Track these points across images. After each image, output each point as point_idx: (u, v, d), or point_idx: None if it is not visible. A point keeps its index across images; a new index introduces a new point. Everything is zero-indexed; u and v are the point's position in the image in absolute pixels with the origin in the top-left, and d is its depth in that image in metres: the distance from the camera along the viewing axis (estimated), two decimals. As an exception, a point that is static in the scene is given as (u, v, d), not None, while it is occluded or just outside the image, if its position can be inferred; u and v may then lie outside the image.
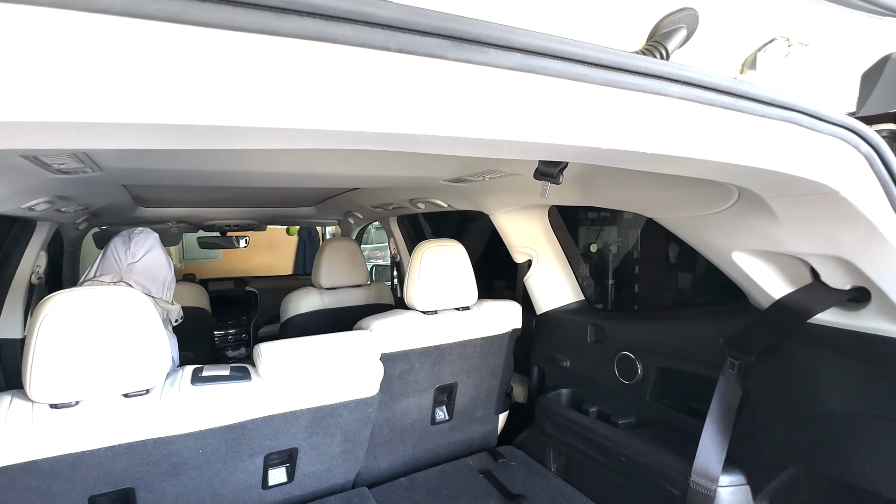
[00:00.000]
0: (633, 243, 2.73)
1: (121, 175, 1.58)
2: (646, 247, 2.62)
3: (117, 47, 0.40)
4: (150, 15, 0.38)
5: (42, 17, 0.38)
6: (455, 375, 2.12)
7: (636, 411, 1.89)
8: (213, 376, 1.49)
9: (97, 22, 0.38)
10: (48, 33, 0.38)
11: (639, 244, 2.67)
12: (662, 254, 2.55)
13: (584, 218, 2.90)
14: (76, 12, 0.38)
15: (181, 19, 0.39)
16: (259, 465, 1.67)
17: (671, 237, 2.49)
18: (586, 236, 2.88)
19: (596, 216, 2.92)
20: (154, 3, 0.38)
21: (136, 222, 3.44)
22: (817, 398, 1.26)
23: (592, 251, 2.84)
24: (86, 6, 0.37)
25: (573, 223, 2.83)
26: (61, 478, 1.34)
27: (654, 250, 2.60)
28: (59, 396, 1.26)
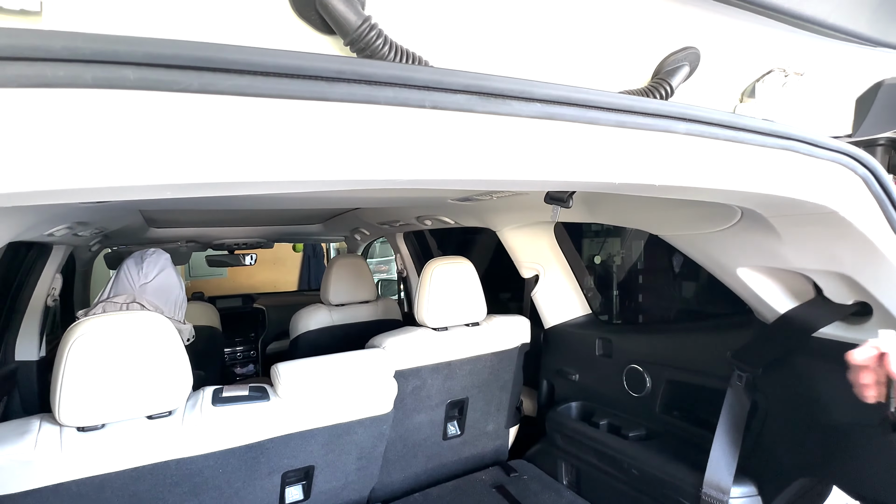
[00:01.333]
0: (638, 255, 2.77)
1: (140, 201, 1.64)
2: (651, 258, 2.66)
3: (134, 118, 0.44)
4: (166, 87, 0.43)
5: (59, 97, 0.42)
6: (466, 391, 2.15)
7: (646, 423, 1.92)
8: (233, 397, 1.53)
9: (111, 96, 0.43)
10: (65, 110, 0.43)
11: (643, 256, 2.71)
12: (668, 265, 2.59)
13: (587, 230, 2.94)
14: (95, 90, 0.43)
15: (209, 90, 0.44)
16: (277, 482, 1.70)
17: (675, 249, 2.53)
18: (590, 248, 2.93)
19: (600, 228, 2.96)
20: (173, 75, 0.42)
21: (148, 243, 3.50)
22: (824, 410, 1.29)
23: (597, 262, 2.88)
24: (104, 83, 0.42)
25: (577, 235, 2.88)
26: (87, 499, 1.37)
27: (660, 262, 2.63)
28: (87, 420, 1.30)
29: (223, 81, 0.41)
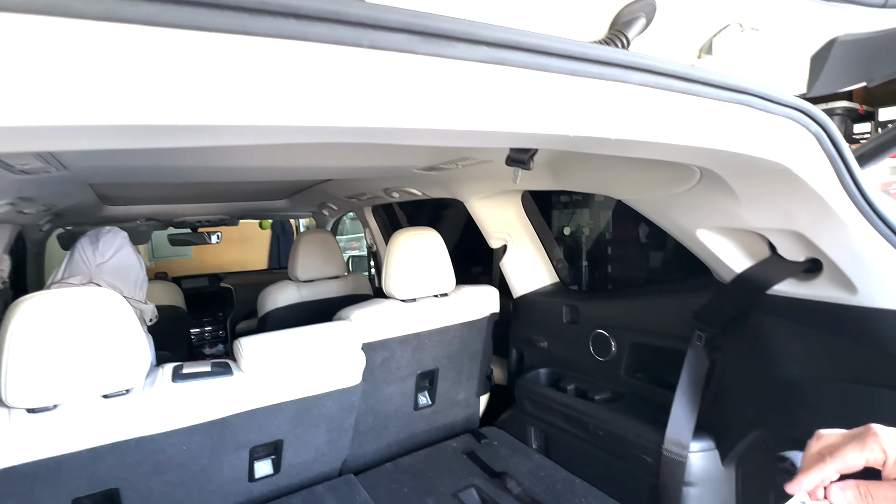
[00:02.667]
0: (604, 225, 2.80)
1: (87, 174, 1.55)
2: (617, 228, 2.70)
3: (86, 51, 0.40)
4: (124, 18, 0.39)
5: (9, 22, 0.38)
6: (436, 361, 2.15)
7: (611, 387, 1.96)
8: (194, 373, 1.49)
9: (68, 26, 0.39)
10: (17, 38, 0.39)
11: (610, 226, 2.74)
12: (633, 235, 2.63)
13: (556, 202, 2.95)
14: (49, 17, 0.39)
15: (156, 22, 0.40)
16: (245, 458, 1.68)
17: (641, 219, 2.57)
18: (559, 220, 2.95)
19: (568, 199, 2.98)
20: (130, 6, 0.38)
21: (103, 221, 3.35)
22: (777, 365, 1.33)
23: (566, 234, 2.90)
24: (60, 11, 0.38)
25: (546, 207, 2.89)
26: (43, 482, 1.32)
27: (625, 232, 2.67)
28: (37, 401, 1.25)
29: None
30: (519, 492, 1.78)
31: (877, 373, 1.14)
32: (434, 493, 1.82)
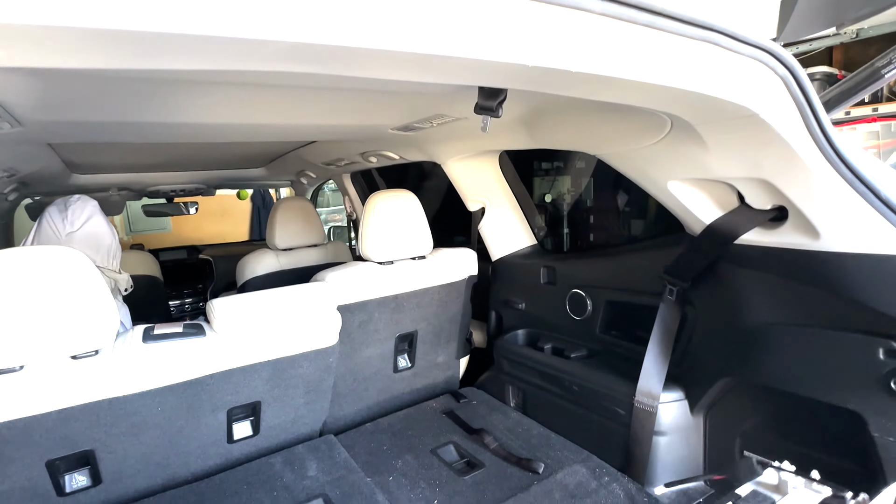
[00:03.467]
0: (582, 190, 2.81)
1: (44, 131, 1.49)
2: (594, 193, 2.71)
3: None
4: None
5: None
6: (415, 323, 2.16)
7: (587, 345, 2.00)
8: (165, 334, 1.47)
9: None
10: None
11: (589, 191, 2.75)
12: (610, 199, 2.64)
13: (538, 169, 2.95)
14: None
15: None
16: (222, 419, 1.68)
17: (616, 184, 2.58)
18: (540, 187, 2.94)
19: (550, 167, 2.98)
20: None
21: (72, 191, 3.25)
22: (744, 313, 1.36)
23: (546, 200, 2.90)
24: None
25: (527, 175, 2.88)
26: (14, 443, 1.31)
27: (602, 196, 2.68)
28: (2, 361, 1.22)
29: None
30: (496, 446, 1.81)
31: (838, 317, 1.17)
32: (413, 450, 1.85)
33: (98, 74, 0.98)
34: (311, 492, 1.61)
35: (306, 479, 1.68)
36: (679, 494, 1.59)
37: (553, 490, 1.58)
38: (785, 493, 1.20)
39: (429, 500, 1.56)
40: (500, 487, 1.60)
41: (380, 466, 1.75)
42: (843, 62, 3.72)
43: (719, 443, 1.57)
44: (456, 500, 1.56)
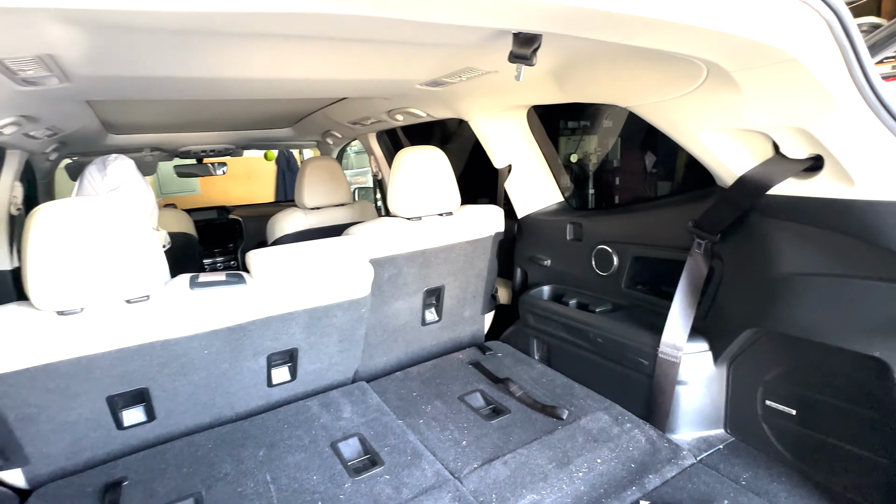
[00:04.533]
0: (610, 148, 2.78)
1: (88, 86, 1.54)
2: (622, 151, 2.68)
3: None
4: None
5: None
6: (442, 278, 2.22)
7: (612, 299, 2.03)
8: (209, 282, 1.56)
9: None
10: None
11: (616, 149, 2.72)
12: (638, 156, 2.61)
13: (563, 128, 2.92)
14: None
15: None
16: (263, 364, 1.78)
17: (644, 141, 2.54)
18: (566, 146, 2.92)
19: (576, 125, 2.94)
20: None
21: (108, 150, 3.35)
22: (772, 264, 1.37)
23: (572, 160, 2.89)
24: None
25: (553, 134, 2.85)
26: (78, 378, 1.43)
27: (630, 153, 2.65)
28: (64, 304, 1.32)
29: None
30: (521, 394, 1.89)
31: (869, 265, 1.17)
32: (441, 396, 1.93)
33: (140, 28, 1.02)
34: (347, 431, 1.71)
35: (342, 419, 1.78)
36: (700, 441, 1.65)
37: (576, 434, 1.65)
38: None
39: (458, 441, 1.65)
40: (526, 431, 1.68)
41: (410, 410, 1.85)
42: (892, 12, 3.52)
43: (741, 393, 1.61)
44: (483, 441, 1.64)
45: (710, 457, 1.57)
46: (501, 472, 1.49)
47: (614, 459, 1.54)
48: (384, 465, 1.53)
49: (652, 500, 1.38)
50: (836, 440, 1.37)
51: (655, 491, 1.43)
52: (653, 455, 1.56)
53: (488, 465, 1.52)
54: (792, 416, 1.47)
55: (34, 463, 1.50)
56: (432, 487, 1.43)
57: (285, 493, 1.43)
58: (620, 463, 1.53)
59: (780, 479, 1.44)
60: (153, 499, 1.42)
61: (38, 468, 1.52)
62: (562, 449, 1.58)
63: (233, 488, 1.46)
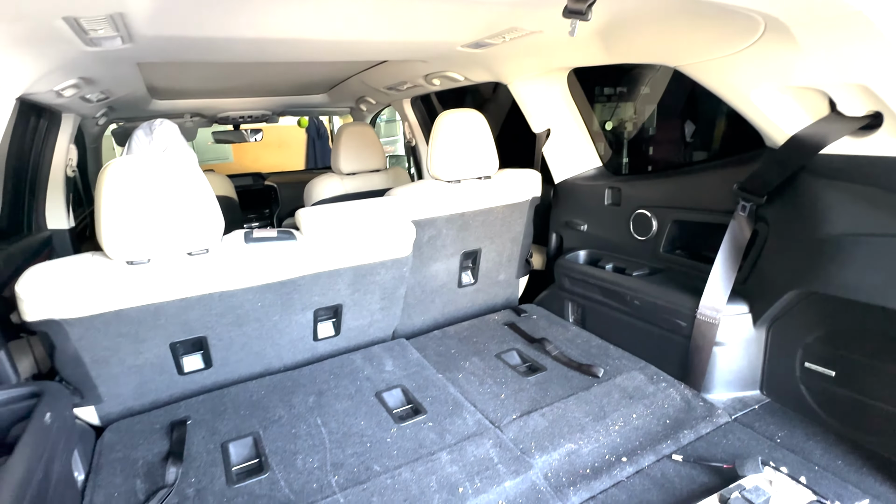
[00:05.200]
0: (649, 114, 2.74)
1: (147, 47, 1.59)
2: (664, 118, 2.64)
3: None
4: None
5: None
6: (479, 241, 2.26)
7: (649, 264, 2.04)
8: (262, 237, 1.64)
9: None
10: None
11: (655, 115, 2.68)
12: (679, 123, 2.57)
13: (599, 94, 2.88)
14: None
15: None
16: (310, 318, 1.87)
17: (687, 106, 2.49)
18: (604, 113, 2.88)
19: (612, 92, 2.89)
20: None
21: (152, 116, 3.45)
22: (821, 225, 1.36)
23: (612, 126, 2.86)
24: None
25: (593, 101, 2.82)
26: (146, 325, 1.54)
27: (672, 117, 2.61)
28: (133, 255, 1.42)
29: None
30: (557, 353, 1.94)
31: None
32: (479, 353, 2.00)
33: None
34: (390, 382, 1.80)
35: (384, 372, 1.87)
36: (735, 401, 1.68)
37: (612, 391, 1.70)
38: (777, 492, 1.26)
39: (496, 394, 1.72)
40: (562, 387, 1.74)
41: (449, 365, 1.92)
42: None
43: (779, 355, 1.62)
44: (521, 395, 1.70)
45: (745, 416, 1.60)
46: (540, 422, 1.55)
47: (650, 415, 1.59)
48: (427, 414, 1.61)
49: (686, 455, 1.43)
50: (876, 401, 1.39)
51: (690, 445, 1.48)
52: (687, 413, 1.60)
53: (527, 416, 1.58)
54: (831, 377, 1.48)
55: (106, 402, 1.64)
56: (474, 434, 1.51)
57: (336, 435, 1.53)
58: (655, 419, 1.58)
59: (816, 438, 1.47)
60: (215, 436, 1.54)
61: (110, 407, 1.66)
62: (598, 404, 1.63)
63: (287, 429, 1.56)
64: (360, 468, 1.39)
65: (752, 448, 1.44)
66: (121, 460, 1.44)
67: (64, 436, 1.27)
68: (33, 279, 1.34)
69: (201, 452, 1.47)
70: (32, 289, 1.34)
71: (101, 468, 1.42)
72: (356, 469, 1.39)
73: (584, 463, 1.41)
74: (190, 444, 1.51)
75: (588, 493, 1.31)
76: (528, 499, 1.29)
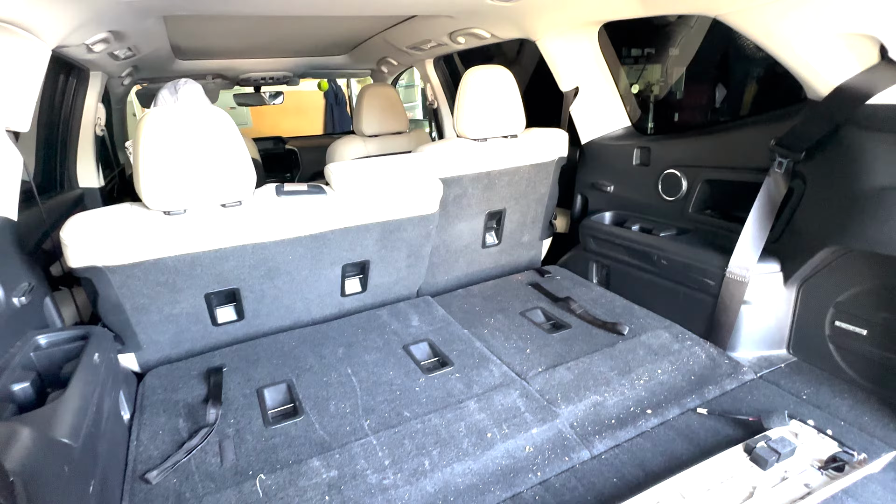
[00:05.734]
0: (681, 73, 2.66)
1: (164, 6, 1.59)
2: (696, 76, 2.56)
3: None
4: None
5: None
6: (504, 202, 2.25)
7: (677, 224, 2.02)
8: (293, 191, 1.65)
9: None
10: None
11: (690, 74, 2.60)
12: (712, 79, 2.49)
13: (630, 54, 2.80)
14: None
15: None
16: (338, 274, 1.90)
17: (721, 62, 2.41)
18: (631, 74, 2.81)
19: (641, 54, 2.81)
20: None
21: (175, 76, 3.46)
22: (865, 178, 1.33)
23: (641, 86, 2.78)
24: None
25: (622, 58, 2.74)
26: (182, 274, 1.58)
27: (704, 78, 2.53)
28: (170, 205, 1.45)
29: None
30: (581, 312, 1.95)
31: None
32: (503, 311, 2.03)
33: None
34: (417, 336, 1.83)
35: (411, 327, 1.91)
36: (761, 359, 1.68)
37: (637, 348, 1.71)
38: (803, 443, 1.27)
39: (521, 349, 1.75)
40: (587, 343, 1.75)
41: (474, 322, 1.95)
42: None
43: (809, 313, 1.61)
44: (546, 350, 1.73)
45: (771, 373, 1.60)
46: (565, 376, 1.58)
47: (675, 371, 1.60)
48: (454, 366, 1.65)
49: (710, 409, 1.45)
50: (908, 359, 1.38)
51: (714, 400, 1.49)
52: (713, 370, 1.61)
53: (552, 369, 1.61)
54: (863, 335, 1.47)
55: (145, 349, 1.70)
56: (500, 385, 1.54)
57: (366, 383, 1.58)
58: (681, 375, 1.59)
59: (843, 396, 1.47)
60: (250, 382, 1.60)
61: (149, 354, 1.72)
62: (623, 360, 1.65)
63: (318, 378, 1.61)
64: (391, 414, 1.43)
65: (777, 404, 1.45)
66: (163, 402, 1.51)
67: (111, 375, 1.33)
68: (77, 226, 1.38)
69: (237, 397, 1.53)
70: (76, 236, 1.38)
71: (145, 409, 1.49)
72: (387, 414, 1.43)
73: (609, 414, 1.44)
74: (226, 389, 1.57)
75: (613, 442, 1.34)
76: (555, 445, 1.32)
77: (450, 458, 1.27)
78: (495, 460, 1.28)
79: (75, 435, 0.97)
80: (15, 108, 1.36)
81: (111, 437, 1.24)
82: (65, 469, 0.90)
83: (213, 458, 1.29)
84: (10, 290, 1.27)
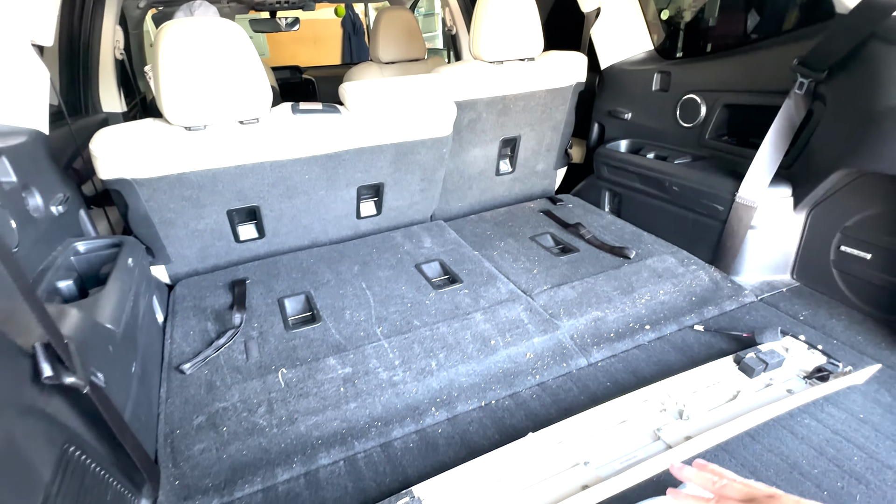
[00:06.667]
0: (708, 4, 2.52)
1: None
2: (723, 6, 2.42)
3: None
4: None
5: None
6: (519, 128, 2.24)
7: (693, 152, 2.00)
8: (308, 109, 1.68)
9: None
10: None
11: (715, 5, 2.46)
12: (740, 14, 2.36)
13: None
14: None
15: None
16: (353, 196, 1.96)
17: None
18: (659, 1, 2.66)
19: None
20: None
21: (190, 0, 3.40)
22: (884, 94, 1.29)
23: (664, 17, 2.65)
24: None
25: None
26: (206, 190, 1.66)
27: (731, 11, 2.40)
28: (191, 120, 1.49)
29: None
30: (590, 237, 1.99)
31: None
32: (513, 235, 2.08)
33: None
34: (429, 256, 1.91)
35: (423, 248, 1.98)
36: (763, 284, 1.71)
37: (642, 271, 1.76)
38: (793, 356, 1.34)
39: (529, 269, 1.81)
40: (594, 265, 1.81)
41: (485, 244, 2.01)
42: None
43: (815, 239, 1.63)
44: (553, 271, 1.79)
45: (772, 297, 1.64)
46: (569, 293, 1.65)
47: (676, 292, 1.66)
48: (463, 283, 1.72)
49: (707, 326, 1.50)
50: (909, 282, 1.40)
51: (712, 319, 1.55)
52: (714, 292, 1.66)
53: (557, 288, 1.68)
54: (867, 260, 1.49)
55: (174, 262, 1.82)
56: (506, 300, 1.62)
57: (379, 297, 1.67)
58: (682, 295, 1.65)
59: (840, 318, 1.51)
60: (272, 292, 1.71)
61: (177, 267, 1.84)
62: (626, 280, 1.70)
63: (335, 290, 1.71)
64: (402, 322, 1.53)
65: (772, 322, 1.50)
66: (192, 307, 1.64)
67: (144, 279, 1.45)
68: (105, 139, 1.45)
69: (260, 305, 1.65)
70: (105, 147, 1.45)
71: (177, 313, 1.62)
72: (398, 323, 1.53)
73: (608, 328, 1.51)
74: (250, 298, 1.68)
75: (610, 352, 1.42)
76: (555, 353, 1.41)
77: (455, 360, 1.37)
78: (497, 364, 1.38)
79: (116, 321, 1.08)
80: (37, 20, 1.39)
81: (148, 333, 1.37)
82: (109, 348, 1.02)
83: (239, 355, 1.42)
84: (47, 199, 1.36)
